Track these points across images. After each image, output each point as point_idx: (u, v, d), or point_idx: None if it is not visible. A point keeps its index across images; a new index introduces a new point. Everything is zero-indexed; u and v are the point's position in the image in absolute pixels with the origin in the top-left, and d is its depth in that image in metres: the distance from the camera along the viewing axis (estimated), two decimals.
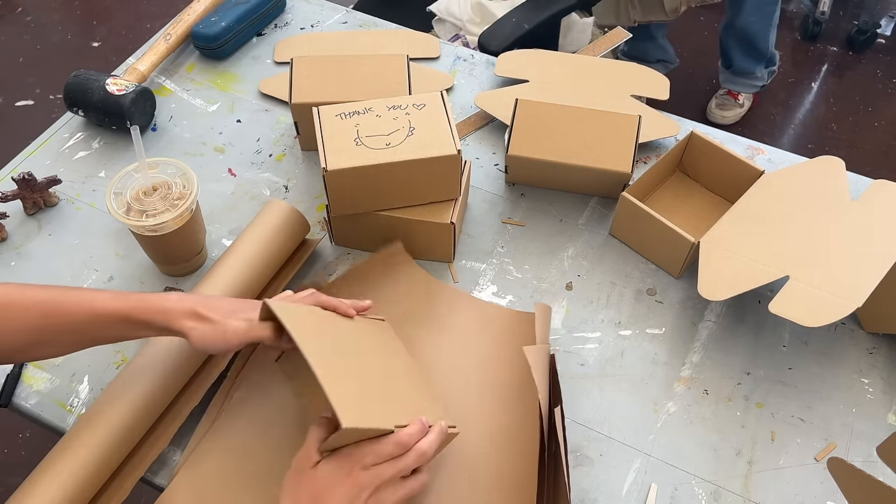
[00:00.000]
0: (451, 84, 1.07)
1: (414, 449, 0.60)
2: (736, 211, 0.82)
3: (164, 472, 0.71)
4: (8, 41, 2.33)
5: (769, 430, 0.75)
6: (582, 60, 1.07)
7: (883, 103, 2.18)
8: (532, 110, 0.90)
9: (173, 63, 1.10)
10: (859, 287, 0.73)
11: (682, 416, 0.76)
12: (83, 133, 1.00)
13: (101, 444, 0.66)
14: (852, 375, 0.79)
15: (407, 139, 0.79)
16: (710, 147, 0.90)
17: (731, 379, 0.78)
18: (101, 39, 2.35)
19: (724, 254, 0.78)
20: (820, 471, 0.72)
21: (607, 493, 0.71)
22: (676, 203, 0.92)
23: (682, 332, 0.82)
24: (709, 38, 2.33)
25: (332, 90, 0.92)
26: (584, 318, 0.83)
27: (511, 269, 0.87)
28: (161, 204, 0.76)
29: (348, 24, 1.17)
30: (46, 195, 0.91)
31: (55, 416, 0.75)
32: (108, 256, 0.87)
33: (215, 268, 0.78)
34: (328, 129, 0.80)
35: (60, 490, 0.63)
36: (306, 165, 0.97)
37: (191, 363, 0.72)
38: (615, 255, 0.88)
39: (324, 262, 0.87)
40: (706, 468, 0.72)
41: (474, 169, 0.97)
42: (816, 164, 0.87)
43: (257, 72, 1.09)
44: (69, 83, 0.98)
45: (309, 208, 0.92)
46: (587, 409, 0.76)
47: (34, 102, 2.16)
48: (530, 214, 0.92)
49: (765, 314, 0.81)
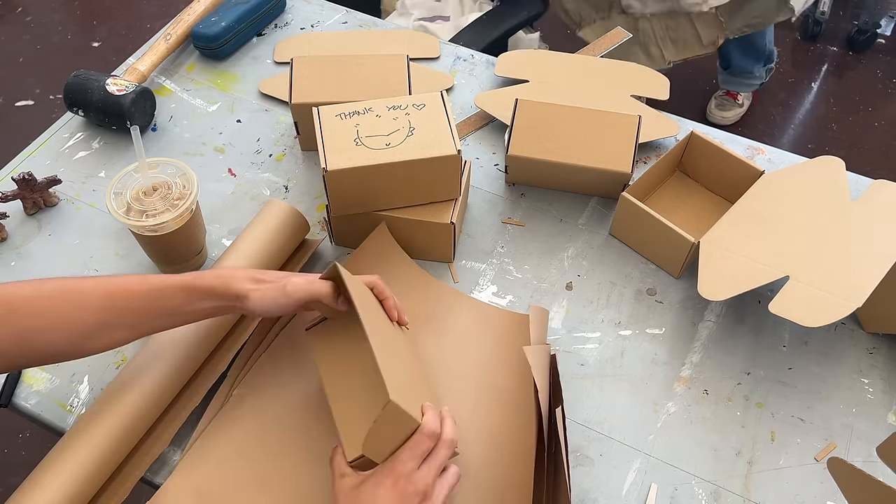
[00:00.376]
0: (451, 84, 1.07)
1: (442, 440, 0.60)
2: (736, 211, 0.82)
3: (164, 472, 0.71)
4: (8, 41, 2.33)
5: (769, 430, 0.75)
6: (582, 60, 1.07)
7: (883, 103, 2.18)
8: (532, 110, 0.90)
9: (173, 63, 1.10)
10: (859, 287, 0.73)
11: (682, 416, 0.76)
12: (83, 133, 1.00)
13: (101, 444, 0.66)
14: (852, 375, 0.79)
15: (407, 139, 0.79)
16: (710, 147, 0.90)
17: (731, 379, 0.78)
18: (101, 39, 2.35)
19: (724, 254, 0.78)
20: (820, 471, 0.72)
21: (607, 493, 0.71)
22: (676, 203, 0.92)
23: (682, 332, 0.82)
24: None
25: (332, 90, 0.92)
26: (584, 318, 0.83)
27: (511, 269, 0.87)
28: (161, 204, 0.76)
29: (348, 24, 1.17)
30: (46, 195, 0.91)
31: (55, 416, 0.75)
32: (108, 256, 0.87)
33: (214, 268, 0.78)
34: (328, 129, 0.80)
35: (60, 490, 0.63)
36: (306, 165, 0.97)
37: (191, 363, 0.72)
38: (615, 255, 0.88)
39: (324, 262, 0.87)
40: (706, 468, 0.72)
41: (474, 169, 0.97)
42: (816, 164, 0.87)
43: (257, 72, 1.09)
44: (69, 83, 0.98)
45: (309, 208, 0.92)
46: (587, 409, 0.76)
47: (34, 102, 2.16)
48: (530, 214, 0.92)
49: (765, 314, 0.81)
